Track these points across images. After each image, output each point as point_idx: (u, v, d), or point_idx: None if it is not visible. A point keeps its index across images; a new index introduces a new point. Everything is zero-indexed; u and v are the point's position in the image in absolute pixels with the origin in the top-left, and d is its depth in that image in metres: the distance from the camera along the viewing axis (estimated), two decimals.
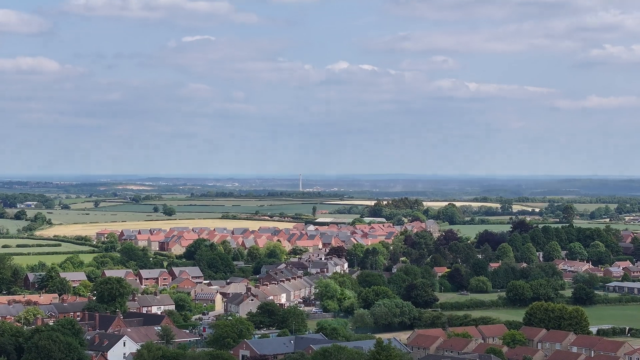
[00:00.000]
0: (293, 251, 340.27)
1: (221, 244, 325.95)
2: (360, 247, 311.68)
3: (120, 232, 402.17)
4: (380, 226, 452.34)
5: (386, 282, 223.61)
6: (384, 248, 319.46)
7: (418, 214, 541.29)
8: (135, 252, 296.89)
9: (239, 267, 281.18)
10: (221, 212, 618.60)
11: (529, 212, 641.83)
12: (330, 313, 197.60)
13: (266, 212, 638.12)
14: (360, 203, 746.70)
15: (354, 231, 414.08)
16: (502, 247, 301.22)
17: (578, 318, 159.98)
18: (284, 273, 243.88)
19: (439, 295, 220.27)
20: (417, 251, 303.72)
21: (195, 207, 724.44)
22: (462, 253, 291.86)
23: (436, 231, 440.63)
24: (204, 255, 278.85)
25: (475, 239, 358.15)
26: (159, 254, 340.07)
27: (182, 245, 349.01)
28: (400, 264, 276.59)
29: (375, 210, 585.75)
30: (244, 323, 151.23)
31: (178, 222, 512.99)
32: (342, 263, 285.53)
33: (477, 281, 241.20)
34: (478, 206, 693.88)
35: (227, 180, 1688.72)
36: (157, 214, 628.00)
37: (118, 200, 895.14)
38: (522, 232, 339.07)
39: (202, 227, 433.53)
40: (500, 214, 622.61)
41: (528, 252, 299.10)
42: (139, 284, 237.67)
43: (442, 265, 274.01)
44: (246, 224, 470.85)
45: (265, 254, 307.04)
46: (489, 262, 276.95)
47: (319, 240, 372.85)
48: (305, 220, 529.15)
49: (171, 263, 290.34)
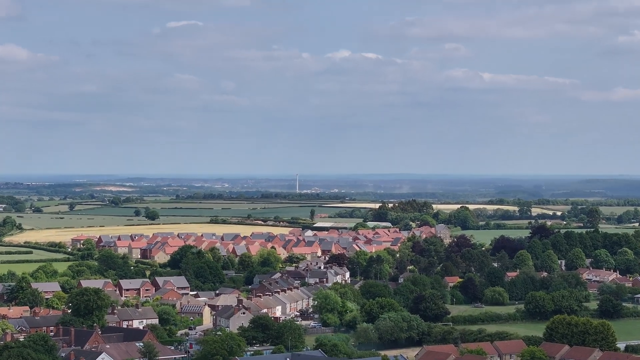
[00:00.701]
0: (289, 259, 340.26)
1: (209, 251, 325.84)
2: (363, 255, 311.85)
3: (98, 238, 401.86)
4: (385, 231, 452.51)
5: (392, 293, 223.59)
6: (390, 256, 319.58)
7: (427, 218, 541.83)
8: (114, 261, 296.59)
9: (229, 277, 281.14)
10: (209, 216, 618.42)
11: (549, 215, 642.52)
12: (330, 327, 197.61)
13: (259, 216, 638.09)
14: (363, 206, 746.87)
15: (356, 237, 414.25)
16: (520, 255, 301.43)
17: (604, 333, 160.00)
18: (279, 283, 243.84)
19: (451, 308, 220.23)
20: (426, 259, 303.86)
21: (180, 211, 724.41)
22: (476, 261, 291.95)
23: (447, 237, 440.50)
24: (191, 263, 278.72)
25: (491, 246, 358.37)
26: (140, 263, 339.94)
27: (167, 252, 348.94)
28: (408, 274, 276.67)
29: (380, 213, 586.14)
30: (235, 339, 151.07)
31: (162, 227, 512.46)
32: (343, 272, 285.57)
33: (492, 292, 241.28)
34: (493, 209, 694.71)
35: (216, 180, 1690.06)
36: (139, 218, 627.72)
37: (95, 202, 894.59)
38: (543, 237, 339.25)
39: (189, 232, 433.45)
40: (518, 218, 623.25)
41: (549, 260, 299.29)
42: (119, 295, 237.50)
43: (454, 275, 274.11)
44: (237, 229, 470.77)
45: (258, 263, 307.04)
46: (505, 271, 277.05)
47: (318, 247, 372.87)
48: (302, 225, 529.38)
49: (154, 272, 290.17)
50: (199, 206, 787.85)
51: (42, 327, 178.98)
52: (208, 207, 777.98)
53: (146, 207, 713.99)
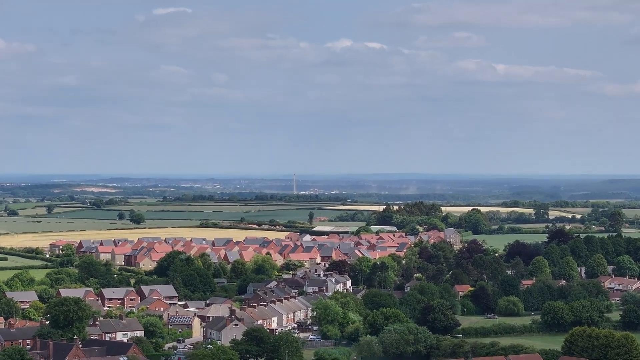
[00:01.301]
0: (286, 266, 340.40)
1: (199, 257, 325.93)
2: (366, 262, 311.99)
3: (78, 244, 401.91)
4: (390, 236, 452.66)
5: (397, 303, 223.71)
6: (395, 262, 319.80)
7: (435, 222, 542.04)
8: (96, 268, 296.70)
9: (220, 285, 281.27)
10: (199, 220, 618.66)
11: (568, 219, 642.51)
12: (330, 340, 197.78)
13: (253, 219, 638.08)
14: (366, 208, 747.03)
15: (358, 242, 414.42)
16: (536, 262, 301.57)
17: (628, 346, 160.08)
18: (274, 292, 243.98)
19: (461, 319, 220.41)
20: (434, 266, 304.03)
21: (168, 214, 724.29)
22: (489, 268, 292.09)
23: (457, 242, 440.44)
24: (179, 271, 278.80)
25: (505, 252, 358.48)
26: (124, 270, 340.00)
27: (153, 259, 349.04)
28: (415, 282, 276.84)
29: (385, 217, 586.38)
30: (227, 352, 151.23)
31: (148, 231, 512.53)
32: (344, 280, 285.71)
33: (506, 302, 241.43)
34: (508, 212, 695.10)
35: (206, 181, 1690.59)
36: (123, 222, 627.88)
37: (75, 205, 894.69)
38: (561, 243, 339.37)
39: (177, 237, 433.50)
40: (534, 222, 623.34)
41: (568, 268, 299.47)
42: (101, 305, 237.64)
43: (465, 283, 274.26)
44: (229, 234, 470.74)
45: (252, 270, 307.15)
46: (520, 279, 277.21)
47: (317, 253, 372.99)
48: (300, 229, 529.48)
49: (140, 280, 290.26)
50: (188, 209, 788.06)
51: (18, 340, 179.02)
52: (198, 209, 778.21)
53: (131, 209, 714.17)
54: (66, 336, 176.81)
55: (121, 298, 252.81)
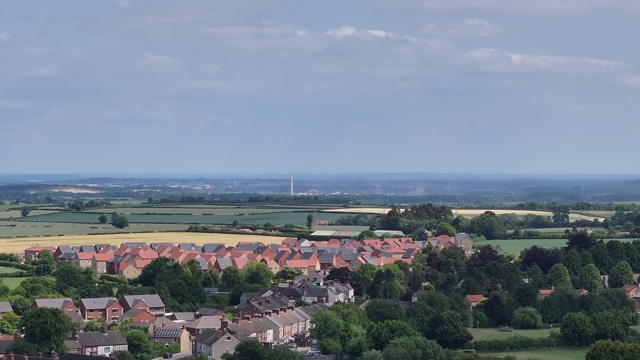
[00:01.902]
0: (282, 274, 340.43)
1: (188, 264, 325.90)
2: (370, 269, 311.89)
3: (56, 250, 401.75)
4: (396, 241, 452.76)
5: (404, 314, 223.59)
6: (401, 270, 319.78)
7: (445, 226, 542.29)
8: (75, 276, 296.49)
9: (211, 295, 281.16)
10: (188, 223, 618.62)
11: (590, 222, 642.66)
12: (331, 355, 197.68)
13: (247, 223, 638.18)
14: (369, 211, 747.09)
15: (361, 248, 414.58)
16: (555, 269, 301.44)
17: None
18: (270, 303, 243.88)
19: (473, 332, 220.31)
20: (444, 274, 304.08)
21: (154, 217, 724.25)
22: (504, 277, 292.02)
23: (469, 248, 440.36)
24: (166, 279, 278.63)
25: (521, 258, 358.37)
26: (106, 278, 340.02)
27: (138, 266, 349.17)
28: (423, 291, 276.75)
29: (390, 220, 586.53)
30: None
31: (132, 236, 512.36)
32: (346, 290, 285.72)
33: (523, 313, 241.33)
34: (524, 215, 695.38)
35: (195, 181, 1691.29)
36: (105, 226, 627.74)
37: (53, 207, 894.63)
38: (582, 249, 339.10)
39: (163, 242, 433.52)
40: (553, 226, 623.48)
41: (589, 276, 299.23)
42: (81, 317, 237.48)
43: (477, 293, 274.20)
44: (221, 239, 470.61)
45: (245, 278, 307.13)
46: (538, 288, 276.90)
47: (316, 260, 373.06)
48: (298, 234, 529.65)
49: (123, 290, 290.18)
50: (175, 211, 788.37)
51: None
52: (186, 212, 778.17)
53: (113, 212, 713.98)
54: (43, 350, 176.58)
55: (103, 309, 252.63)
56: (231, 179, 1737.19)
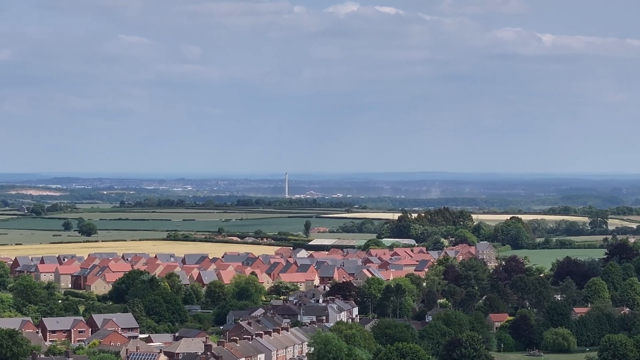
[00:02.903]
0: (275, 289, 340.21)
1: (166, 278, 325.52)
2: (377, 284, 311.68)
3: (12, 261, 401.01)
4: (407, 252, 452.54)
5: (417, 336, 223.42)
6: (414, 285, 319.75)
7: (465, 233, 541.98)
8: (35, 292, 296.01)
9: (193, 314, 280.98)
10: (166, 230, 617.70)
11: (632, 229, 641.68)
12: None
13: (235, 230, 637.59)
14: (376, 216, 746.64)
15: (367, 259, 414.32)
16: (592, 284, 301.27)
17: None
18: (261, 323, 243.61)
19: (497, 356, 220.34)
20: (463, 289, 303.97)
21: (127, 223, 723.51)
22: (532, 292, 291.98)
23: (492, 259, 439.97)
24: (141, 295, 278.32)
25: (552, 271, 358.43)
26: (72, 294, 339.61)
27: (107, 280, 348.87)
28: (438, 309, 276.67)
29: (400, 227, 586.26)
30: None
31: (101, 245, 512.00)
32: (349, 307, 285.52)
33: (554, 335, 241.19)
34: (556, 221, 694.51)
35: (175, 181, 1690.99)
36: (70, 233, 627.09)
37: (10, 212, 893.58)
38: (623, 260, 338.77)
39: (138, 252, 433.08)
40: (590, 233, 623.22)
41: (631, 291, 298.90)
42: (42, 339, 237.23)
43: (502, 311, 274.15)
44: (204, 248, 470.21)
45: (233, 294, 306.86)
46: (572, 306, 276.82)
47: (315, 273, 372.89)
48: (293, 243, 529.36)
49: (91, 308, 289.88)
50: (151, 217, 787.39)
51: None
52: (164, 217, 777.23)
53: (79, 218, 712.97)
54: None
55: (67, 330, 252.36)
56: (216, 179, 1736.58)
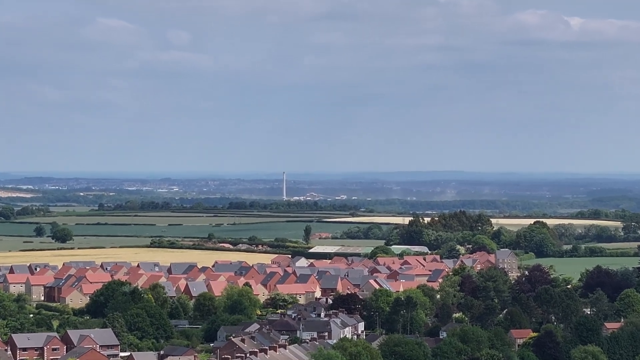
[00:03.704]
0: (272, 302, 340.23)
1: (150, 290, 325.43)
2: (385, 296, 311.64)
3: None
4: (419, 260, 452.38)
5: (429, 354, 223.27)
6: (426, 297, 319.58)
7: (483, 240, 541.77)
8: (4, 305, 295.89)
9: (180, 329, 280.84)
10: (150, 236, 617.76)
11: None
12: None
13: (226, 236, 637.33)
14: (385, 221, 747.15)
15: (374, 269, 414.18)
16: (625, 296, 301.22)
17: None
18: (256, 340, 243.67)
19: None
20: (481, 302, 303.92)
21: (106, 228, 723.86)
22: (559, 306, 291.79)
23: (514, 268, 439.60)
24: (122, 309, 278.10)
25: (581, 282, 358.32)
26: (45, 308, 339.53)
27: (85, 292, 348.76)
28: (454, 325, 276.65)
29: (412, 233, 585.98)
30: None
31: (77, 252, 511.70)
32: (354, 322, 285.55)
33: (583, 353, 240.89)
34: (585, 226, 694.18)
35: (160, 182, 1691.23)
36: (42, 239, 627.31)
37: None
38: None
39: (118, 261, 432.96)
40: (623, 240, 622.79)
41: None
42: (11, 357, 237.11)
43: (525, 327, 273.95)
44: (192, 257, 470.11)
45: (224, 308, 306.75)
46: (603, 321, 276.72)
47: (316, 284, 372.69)
48: (292, 250, 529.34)
49: (66, 323, 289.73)
50: (133, 221, 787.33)
51: None
52: (148, 222, 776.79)
53: (53, 222, 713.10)
54: None
55: (40, 347, 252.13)
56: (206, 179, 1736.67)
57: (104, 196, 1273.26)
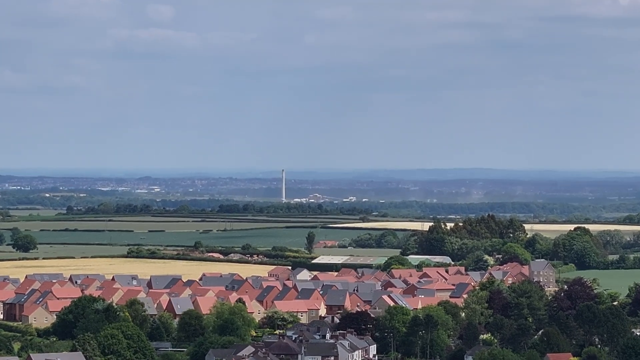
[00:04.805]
0: (269, 321, 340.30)
1: (127, 307, 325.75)
2: (401, 314, 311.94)
3: None
4: (441, 272, 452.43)
5: None
6: (449, 316, 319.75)
7: (515, 248, 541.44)
8: None
9: (162, 353, 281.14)
10: (127, 245, 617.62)
11: None
12: None
13: (215, 244, 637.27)
14: (400, 227, 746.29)
15: (388, 282, 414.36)
16: None
17: None
18: None
19: None
20: (513, 321, 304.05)
21: (75, 235, 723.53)
22: (603, 325, 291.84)
23: (551, 282, 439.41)
24: (94, 329, 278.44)
25: (629, 298, 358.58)
26: (4, 327, 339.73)
27: (51, 310, 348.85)
28: (481, 347, 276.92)
29: (431, 240, 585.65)
30: None
31: (42, 264, 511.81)
32: (365, 345, 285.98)
33: None
34: (634, 232, 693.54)
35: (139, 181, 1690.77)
36: (2, 248, 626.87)
37: None
38: None
39: (90, 274, 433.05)
40: None
41: None
42: None
43: (564, 350, 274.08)
44: (176, 268, 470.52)
45: (214, 328, 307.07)
46: None
47: (320, 300, 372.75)
48: (292, 261, 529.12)
49: (29, 345, 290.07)
50: (108, 226, 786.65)
51: None
52: (125, 227, 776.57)
53: (14, 228, 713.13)
54: None
55: None
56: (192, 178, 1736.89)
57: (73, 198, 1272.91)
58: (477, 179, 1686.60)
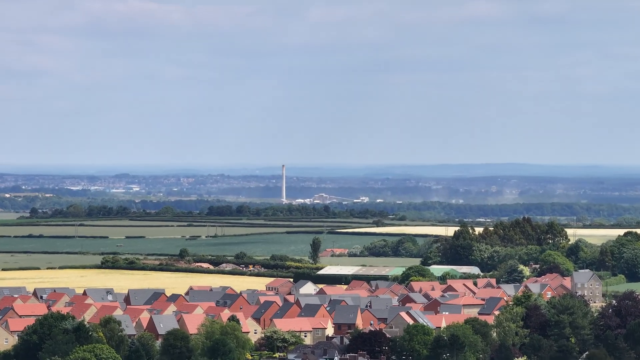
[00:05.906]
0: (267, 343, 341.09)
1: (101, 326, 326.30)
2: (422, 334, 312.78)
3: None
4: (468, 285, 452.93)
5: None
6: (478, 336, 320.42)
7: (556, 258, 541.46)
8: None
9: None
10: (101, 253, 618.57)
11: None
12: None
13: (204, 252, 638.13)
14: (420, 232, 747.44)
15: (407, 297, 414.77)
16: None
17: None
18: None
19: None
20: (553, 342, 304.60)
21: (41, 242, 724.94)
22: None
23: (597, 296, 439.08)
24: (62, 351, 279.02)
25: None
26: None
27: (12, 329, 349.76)
28: None
29: (457, 248, 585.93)
30: None
31: (1, 276, 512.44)
32: None
33: None
34: None
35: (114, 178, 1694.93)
36: None
37: None
38: None
39: (58, 287, 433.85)
40: None
41: None
42: None
43: None
44: (159, 281, 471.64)
45: (203, 350, 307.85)
46: None
47: (327, 318, 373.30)
48: (294, 272, 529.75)
49: None
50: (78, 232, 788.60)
51: None
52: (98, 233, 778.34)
53: None
54: None
55: None
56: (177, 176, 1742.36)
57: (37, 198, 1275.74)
58: (510, 176, 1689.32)
